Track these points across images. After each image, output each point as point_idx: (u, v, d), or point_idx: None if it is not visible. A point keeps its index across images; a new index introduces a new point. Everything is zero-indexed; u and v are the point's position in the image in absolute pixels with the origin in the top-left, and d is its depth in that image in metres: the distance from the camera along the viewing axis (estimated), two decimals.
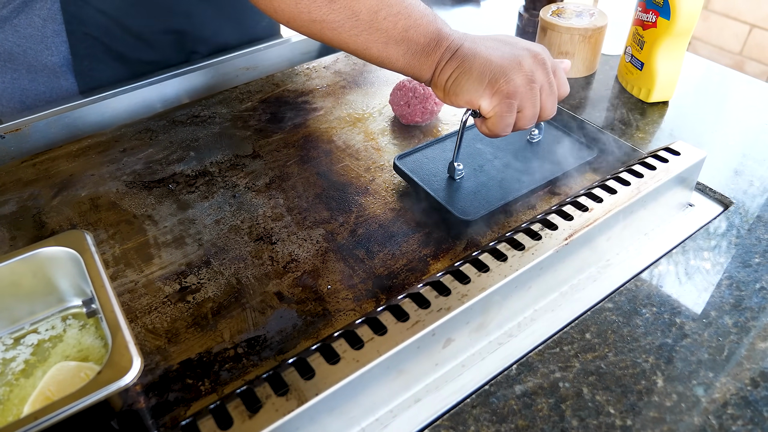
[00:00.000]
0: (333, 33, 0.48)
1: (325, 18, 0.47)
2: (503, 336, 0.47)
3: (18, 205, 0.61)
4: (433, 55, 0.49)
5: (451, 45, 0.49)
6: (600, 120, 0.70)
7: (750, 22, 2.00)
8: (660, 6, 0.66)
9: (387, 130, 0.70)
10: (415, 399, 0.43)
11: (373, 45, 0.48)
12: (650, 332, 0.46)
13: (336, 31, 0.48)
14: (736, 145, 0.66)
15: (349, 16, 0.47)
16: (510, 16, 0.94)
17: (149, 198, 0.61)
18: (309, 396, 0.36)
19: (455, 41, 0.49)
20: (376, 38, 0.48)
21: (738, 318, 0.47)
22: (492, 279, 0.43)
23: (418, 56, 0.49)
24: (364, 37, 0.48)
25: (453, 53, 0.49)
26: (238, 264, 0.53)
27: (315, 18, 0.47)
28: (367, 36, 0.48)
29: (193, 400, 0.43)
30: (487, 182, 0.58)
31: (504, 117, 0.49)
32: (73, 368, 0.42)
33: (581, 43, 0.75)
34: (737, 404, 0.41)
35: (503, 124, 0.49)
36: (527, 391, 0.42)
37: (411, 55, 0.49)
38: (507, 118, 0.49)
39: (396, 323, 0.40)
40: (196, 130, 0.71)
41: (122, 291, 0.51)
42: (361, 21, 0.47)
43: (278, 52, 0.86)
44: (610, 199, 0.50)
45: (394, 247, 0.54)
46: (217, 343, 0.47)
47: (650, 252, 0.54)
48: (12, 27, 0.70)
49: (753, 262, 0.52)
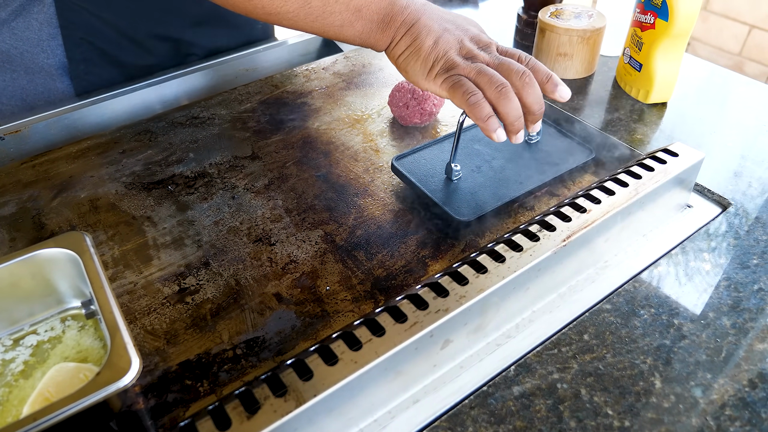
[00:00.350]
0: (290, 22, 0.51)
1: (280, 10, 0.50)
2: (501, 337, 0.47)
3: (18, 207, 0.61)
4: (388, 31, 0.50)
5: (406, 19, 0.50)
6: (598, 121, 0.70)
7: (749, 22, 2.00)
8: (658, 7, 0.67)
9: (386, 131, 0.70)
10: (413, 400, 0.43)
11: (330, 28, 0.51)
12: (648, 333, 0.46)
13: (293, 21, 0.51)
14: (735, 146, 0.66)
15: (302, 6, 0.49)
16: (508, 17, 0.95)
17: (148, 199, 0.61)
18: (307, 397, 0.36)
19: (411, 14, 0.50)
20: (331, 21, 0.50)
21: (736, 319, 0.47)
22: (490, 280, 0.43)
23: (374, 33, 0.50)
24: (320, 22, 0.50)
25: (408, 28, 0.50)
26: (237, 265, 0.53)
27: (270, 11, 0.50)
28: (322, 21, 0.50)
29: (192, 401, 0.43)
30: (485, 183, 0.58)
31: (458, 93, 0.48)
32: (72, 369, 0.42)
33: (580, 45, 0.76)
34: (735, 405, 0.42)
35: (477, 108, 0.47)
36: (525, 392, 0.42)
37: (367, 32, 0.50)
38: (476, 105, 0.47)
39: (394, 324, 0.41)
40: (195, 131, 0.71)
41: (121, 292, 0.51)
42: (314, 8, 0.49)
43: (277, 53, 0.87)
44: (608, 201, 0.50)
45: (392, 249, 0.54)
46: (216, 344, 0.47)
47: (648, 253, 0.54)
48: (10, 30, 0.71)
49: (751, 264, 0.52)
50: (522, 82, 0.48)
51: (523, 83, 0.48)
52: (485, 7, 1.02)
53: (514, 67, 0.49)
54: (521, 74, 0.48)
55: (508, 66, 0.49)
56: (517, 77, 0.48)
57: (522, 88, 0.48)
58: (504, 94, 0.47)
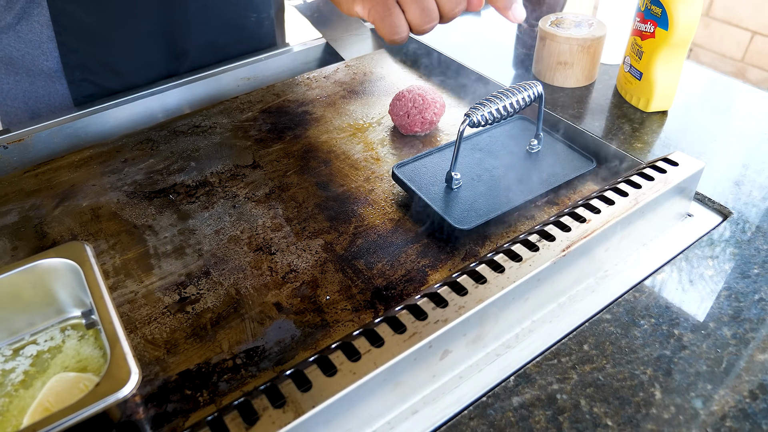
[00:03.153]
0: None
1: None
2: (501, 347, 0.47)
3: (20, 216, 0.61)
4: None
5: None
6: (599, 130, 0.70)
7: (752, 29, 2.00)
8: (658, 16, 0.67)
9: (386, 140, 0.70)
10: (412, 411, 0.43)
11: None
12: (648, 344, 0.46)
13: None
14: (736, 154, 0.66)
15: None
16: (509, 25, 0.95)
17: (150, 208, 0.61)
18: (306, 408, 0.36)
19: None
20: None
21: (737, 329, 0.47)
22: (489, 290, 0.43)
23: None
24: None
25: None
26: (237, 274, 0.53)
27: None
28: None
29: (192, 411, 0.43)
30: (485, 192, 0.58)
31: (383, 18, 0.47)
32: (72, 379, 0.42)
33: (580, 53, 0.76)
34: (736, 417, 0.41)
35: (386, 24, 0.47)
36: (525, 402, 0.42)
37: None
38: (387, 18, 0.47)
39: (393, 335, 0.41)
40: (196, 140, 0.71)
41: (122, 301, 0.51)
42: None
43: (279, 62, 0.87)
44: (608, 210, 0.50)
45: (392, 258, 0.54)
46: (216, 354, 0.47)
47: (649, 263, 0.54)
48: (15, 33, 0.72)
49: (752, 273, 0.52)
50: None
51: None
52: (486, 15, 1.02)
53: None
54: None
55: None
56: None
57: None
58: (422, 11, 0.46)
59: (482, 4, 0.49)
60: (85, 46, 0.74)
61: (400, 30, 0.48)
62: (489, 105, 0.56)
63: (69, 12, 0.71)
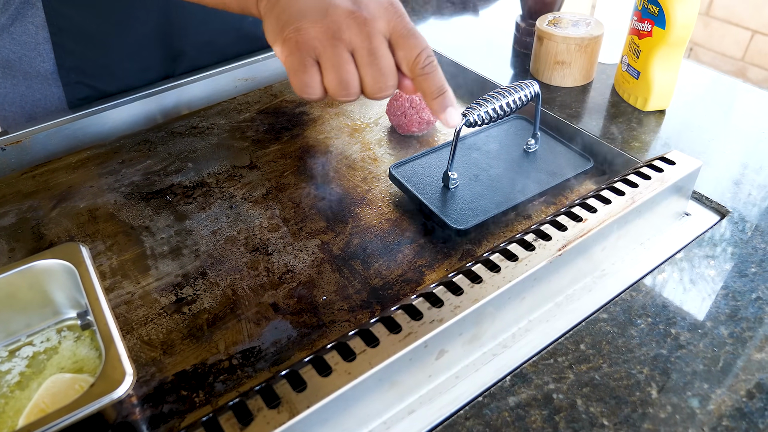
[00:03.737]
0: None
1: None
2: (497, 347, 0.47)
3: (17, 217, 0.61)
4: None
5: None
6: (597, 129, 0.70)
7: (752, 28, 2.00)
8: (655, 15, 0.67)
9: (384, 140, 0.70)
10: (408, 411, 0.43)
11: (206, 0, 0.53)
12: (645, 343, 0.46)
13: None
14: (734, 153, 0.66)
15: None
16: (507, 25, 0.95)
17: (147, 209, 0.61)
18: (300, 409, 0.36)
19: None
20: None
21: (734, 328, 0.47)
22: (485, 290, 0.43)
23: None
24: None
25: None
26: (234, 275, 0.53)
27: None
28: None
29: (188, 411, 0.43)
30: (482, 192, 0.58)
31: (296, 72, 0.43)
32: (67, 380, 0.42)
33: (578, 53, 0.76)
34: (732, 416, 0.41)
35: (297, 80, 0.43)
36: (521, 402, 0.42)
37: None
38: (300, 74, 0.43)
39: (388, 335, 0.40)
40: (194, 141, 0.71)
41: (119, 302, 0.51)
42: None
43: (277, 62, 0.87)
44: (605, 209, 0.50)
45: (389, 258, 0.54)
46: (212, 355, 0.47)
47: (646, 262, 0.54)
48: (9, 35, 0.71)
49: (749, 272, 0.52)
50: (361, 62, 0.43)
51: (363, 64, 0.43)
52: (485, 15, 1.02)
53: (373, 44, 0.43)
54: (369, 51, 0.43)
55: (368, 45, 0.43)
56: (363, 55, 0.43)
57: (362, 71, 0.43)
58: (339, 83, 0.43)
59: (415, 92, 0.47)
60: (80, 48, 0.74)
61: (311, 91, 0.44)
62: (485, 105, 0.56)
63: (64, 13, 0.71)
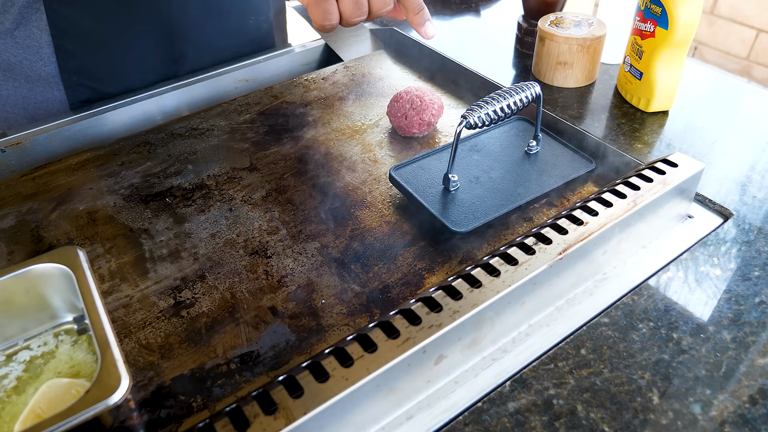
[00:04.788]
0: None
1: None
2: (497, 351, 0.47)
3: (17, 219, 0.61)
4: None
5: None
6: (599, 130, 0.70)
7: (757, 26, 1.98)
8: (658, 16, 0.66)
9: (384, 141, 0.70)
10: (407, 416, 0.43)
11: None
12: (647, 348, 0.46)
13: None
14: (737, 155, 0.65)
15: None
16: (509, 25, 0.94)
17: (146, 212, 0.61)
18: (297, 415, 0.36)
19: None
20: None
21: (737, 333, 0.46)
22: (484, 295, 0.43)
23: None
24: None
25: None
26: (232, 278, 0.53)
27: None
28: None
29: (186, 416, 0.43)
30: (483, 194, 0.58)
31: (317, 3, 0.50)
32: (64, 385, 0.42)
33: (580, 53, 0.75)
34: (735, 422, 0.41)
35: (318, 9, 0.51)
36: (520, 408, 0.42)
37: None
38: (321, 3, 0.50)
39: (387, 340, 0.40)
40: (194, 142, 0.71)
41: (117, 306, 0.51)
42: None
43: (277, 63, 0.87)
44: (606, 213, 0.50)
45: (389, 261, 0.54)
46: (210, 359, 0.46)
47: (648, 265, 0.53)
48: (12, 39, 0.71)
49: (752, 276, 0.51)
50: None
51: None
52: (486, 15, 1.02)
53: None
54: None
55: None
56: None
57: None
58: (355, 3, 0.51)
59: (403, 17, 0.56)
60: (82, 51, 0.74)
61: (332, 17, 0.51)
62: (486, 106, 0.55)
63: (66, 16, 0.71)
